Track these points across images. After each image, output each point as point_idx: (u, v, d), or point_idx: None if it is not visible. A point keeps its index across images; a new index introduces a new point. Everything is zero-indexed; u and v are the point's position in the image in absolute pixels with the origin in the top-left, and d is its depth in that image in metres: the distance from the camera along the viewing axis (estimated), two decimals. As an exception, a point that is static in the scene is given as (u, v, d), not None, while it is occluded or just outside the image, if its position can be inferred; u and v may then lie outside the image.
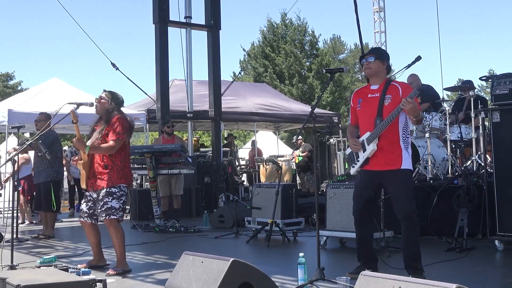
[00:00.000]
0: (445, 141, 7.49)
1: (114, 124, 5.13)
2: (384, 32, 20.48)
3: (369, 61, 4.54)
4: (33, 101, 11.12)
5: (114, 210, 5.09)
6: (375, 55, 4.57)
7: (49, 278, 3.84)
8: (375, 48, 4.83)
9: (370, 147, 4.44)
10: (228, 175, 12.12)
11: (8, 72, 40.97)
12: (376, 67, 4.53)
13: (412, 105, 4.15)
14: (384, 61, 4.57)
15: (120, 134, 5.11)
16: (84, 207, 5.26)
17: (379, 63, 4.53)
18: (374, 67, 4.53)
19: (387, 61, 4.62)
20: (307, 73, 31.95)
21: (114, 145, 5.10)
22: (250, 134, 26.48)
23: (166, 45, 11.45)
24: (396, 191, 4.42)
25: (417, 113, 4.26)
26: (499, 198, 5.73)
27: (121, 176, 5.16)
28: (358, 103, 4.63)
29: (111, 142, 5.09)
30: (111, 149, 5.10)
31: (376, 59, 4.53)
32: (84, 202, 5.30)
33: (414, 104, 4.17)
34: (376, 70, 4.54)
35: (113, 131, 5.11)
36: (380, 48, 5.12)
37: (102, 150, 5.12)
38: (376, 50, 4.63)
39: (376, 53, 4.63)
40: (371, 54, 4.60)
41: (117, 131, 5.10)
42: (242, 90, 15.61)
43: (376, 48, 4.77)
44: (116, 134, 5.10)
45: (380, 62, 4.54)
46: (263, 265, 4.70)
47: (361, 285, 2.85)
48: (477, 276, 4.67)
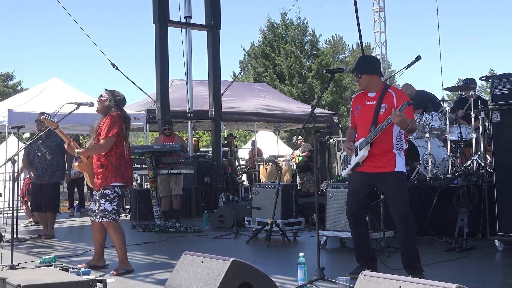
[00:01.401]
0: (445, 141, 7.49)
1: (104, 123, 5.09)
2: (384, 32, 20.48)
3: (358, 77, 4.61)
4: (33, 101, 11.11)
5: (107, 212, 5.07)
6: (359, 71, 4.59)
7: (49, 278, 3.84)
8: (359, 61, 4.78)
9: (361, 152, 4.51)
10: (228, 175, 12.12)
11: (8, 72, 41.03)
12: (364, 82, 4.59)
13: (400, 119, 4.19)
14: (371, 74, 4.58)
15: (109, 132, 5.04)
16: (92, 206, 5.26)
17: (366, 77, 4.57)
18: (363, 82, 4.60)
19: (375, 71, 4.61)
20: (307, 73, 31.95)
21: (103, 144, 5.03)
22: (250, 134, 26.48)
23: (166, 45, 11.44)
24: (390, 193, 4.47)
25: (405, 126, 4.29)
26: (499, 198, 5.73)
27: (116, 174, 5.09)
28: (356, 109, 4.68)
29: (101, 141, 5.05)
30: (100, 149, 5.05)
31: (363, 74, 4.57)
32: (92, 200, 5.33)
33: (402, 118, 4.19)
34: (365, 84, 4.60)
35: (103, 129, 5.07)
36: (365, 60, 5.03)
37: (91, 151, 5.10)
38: (359, 67, 4.61)
39: (359, 69, 4.62)
40: (356, 71, 4.63)
41: (106, 129, 5.04)
42: (242, 90, 15.61)
43: (361, 62, 4.72)
44: (105, 132, 5.04)
45: (367, 76, 4.57)
46: (263, 265, 4.71)
47: (361, 285, 2.86)
48: (477, 276, 4.67)
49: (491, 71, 37.83)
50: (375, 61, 4.81)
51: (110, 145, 5.06)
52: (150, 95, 13.33)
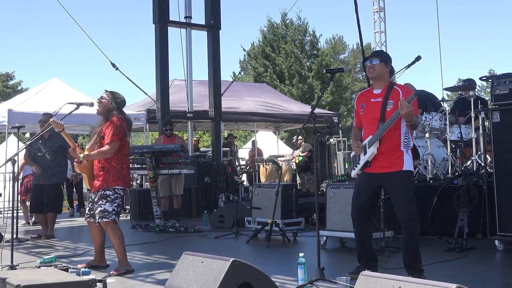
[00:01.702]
0: (445, 141, 7.49)
1: (108, 127, 5.11)
2: (384, 32, 20.50)
3: (373, 63, 4.54)
4: (33, 101, 11.12)
5: (107, 213, 5.08)
6: (379, 57, 4.56)
7: (49, 278, 3.84)
8: (379, 50, 4.82)
9: (370, 150, 4.46)
10: (228, 175, 12.12)
11: (8, 72, 41.03)
12: (380, 70, 4.54)
13: (408, 110, 4.16)
14: (388, 64, 4.58)
15: (114, 136, 5.07)
16: (88, 208, 5.31)
17: (383, 66, 4.54)
18: (378, 69, 4.53)
19: (390, 64, 4.62)
20: (307, 73, 31.97)
21: (108, 149, 5.07)
22: (250, 134, 26.48)
23: (166, 45, 11.44)
24: (397, 191, 4.43)
25: (410, 119, 4.25)
26: (499, 198, 5.73)
27: (117, 178, 5.12)
28: (361, 107, 4.64)
29: (106, 146, 5.07)
30: (106, 154, 5.08)
31: (381, 62, 4.53)
32: (88, 202, 5.36)
33: (410, 109, 4.17)
34: (380, 72, 4.55)
35: (107, 134, 5.08)
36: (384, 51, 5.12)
37: (97, 156, 5.11)
38: (380, 53, 4.66)
39: (381, 56, 4.62)
40: (375, 56, 4.59)
41: (111, 134, 5.06)
42: (242, 90, 15.61)
43: (380, 51, 4.77)
44: (110, 137, 5.06)
45: (384, 65, 4.54)
46: (263, 265, 4.71)
47: (361, 285, 2.86)
48: (477, 276, 4.67)
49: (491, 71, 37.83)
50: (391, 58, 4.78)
51: (115, 150, 5.10)
52: (150, 95, 13.33)
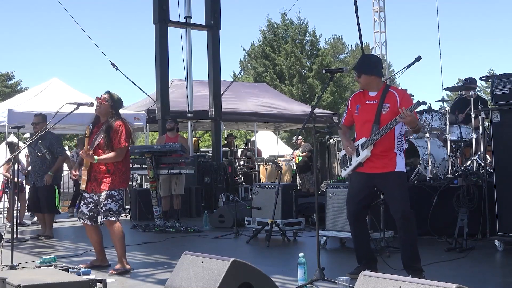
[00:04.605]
0: (445, 141, 7.48)
1: (118, 131, 5.21)
2: (384, 32, 20.50)
3: (357, 77, 4.62)
4: (33, 101, 11.12)
5: (112, 212, 5.17)
6: (357, 71, 4.60)
7: (49, 278, 3.85)
8: (360, 61, 4.77)
9: (364, 152, 4.49)
10: (228, 175, 12.13)
11: (8, 72, 41.01)
12: (364, 81, 4.58)
13: (411, 118, 4.21)
14: (370, 75, 4.55)
15: (126, 141, 5.24)
16: (84, 209, 5.29)
17: (365, 77, 4.56)
18: (362, 81, 4.58)
19: (375, 72, 4.57)
20: (308, 73, 31.96)
21: (120, 154, 5.22)
22: (250, 134, 26.47)
23: (166, 45, 11.44)
24: (391, 192, 4.47)
25: (415, 125, 4.34)
26: (499, 198, 5.73)
27: (122, 180, 5.29)
28: (356, 108, 4.64)
29: (117, 150, 5.19)
30: (118, 157, 5.23)
31: (361, 74, 4.56)
32: (83, 204, 5.33)
33: (413, 117, 4.23)
34: (365, 84, 4.58)
35: (118, 138, 5.20)
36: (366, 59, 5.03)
37: (110, 160, 5.21)
38: (358, 66, 4.60)
39: (359, 69, 4.61)
40: (354, 70, 4.65)
41: (122, 138, 5.21)
42: (242, 90, 15.62)
43: (360, 62, 4.72)
44: (121, 141, 5.20)
45: (366, 75, 4.55)
46: (263, 265, 4.71)
47: (361, 285, 2.86)
48: (477, 276, 4.67)
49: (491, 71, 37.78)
50: (376, 61, 4.77)
51: (124, 154, 5.27)
52: (150, 95, 13.33)
